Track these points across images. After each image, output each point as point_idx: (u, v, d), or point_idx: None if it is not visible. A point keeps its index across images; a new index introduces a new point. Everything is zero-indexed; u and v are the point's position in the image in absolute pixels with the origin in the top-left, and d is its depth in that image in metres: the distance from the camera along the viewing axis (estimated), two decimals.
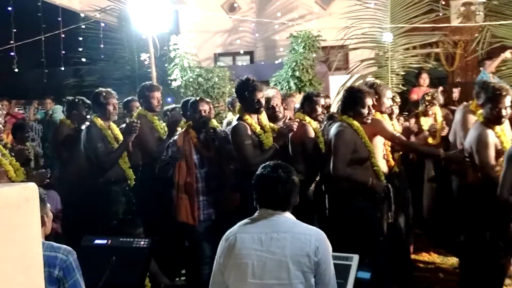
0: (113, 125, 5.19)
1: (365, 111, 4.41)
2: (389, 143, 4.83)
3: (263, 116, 4.82)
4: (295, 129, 4.73)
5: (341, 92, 4.78)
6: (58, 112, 9.30)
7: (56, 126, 5.59)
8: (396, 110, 5.66)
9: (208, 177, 4.73)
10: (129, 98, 6.05)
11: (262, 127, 4.72)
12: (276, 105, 5.21)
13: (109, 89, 5.10)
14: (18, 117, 9.61)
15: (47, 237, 2.89)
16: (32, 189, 1.62)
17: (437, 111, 6.58)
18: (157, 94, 5.55)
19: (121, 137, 5.10)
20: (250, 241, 2.76)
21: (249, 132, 4.61)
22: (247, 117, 4.66)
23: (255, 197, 2.91)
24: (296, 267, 2.66)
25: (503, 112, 4.22)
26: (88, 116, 5.49)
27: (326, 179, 4.69)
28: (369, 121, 4.50)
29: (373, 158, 4.45)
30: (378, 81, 5.58)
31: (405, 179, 5.50)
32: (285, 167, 2.91)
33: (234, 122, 4.74)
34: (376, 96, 4.73)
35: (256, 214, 2.89)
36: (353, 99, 4.44)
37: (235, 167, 5.24)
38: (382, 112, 4.87)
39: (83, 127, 5.24)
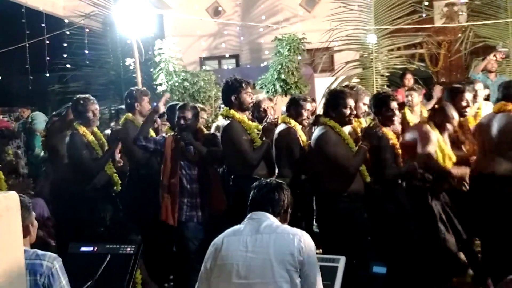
0: (97, 131, 5.17)
1: (347, 111, 4.43)
2: None
3: (245, 116, 4.86)
4: (278, 124, 4.83)
5: (326, 95, 4.79)
6: (38, 119, 9.19)
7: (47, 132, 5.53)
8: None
9: (193, 180, 4.74)
10: (123, 107, 6.01)
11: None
12: (267, 107, 5.44)
13: (87, 96, 5.07)
14: (3, 124, 9.51)
15: (33, 245, 2.86)
16: (13, 198, 1.62)
17: (423, 109, 6.67)
18: (146, 99, 5.54)
19: (106, 142, 5.08)
20: (236, 243, 2.81)
21: (242, 129, 4.66)
22: (238, 115, 4.69)
23: (248, 207, 2.99)
24: (280, 265, 2.69)
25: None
26: None
27: (312, 181, 4.69)
28: (352, 122, 4.53)
29: None
30: (359, 86, 5.63)
31: None
32: (278, 181, 3.09)
33: (225, 122, 4.74)
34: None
35: (244, 220, 2.95)
36: (334, 101, 4.46)
37: (225, 170, 5.25)
38: (357, 117, 4.90)
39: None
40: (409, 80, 8.74)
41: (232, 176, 4.85)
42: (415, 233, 4.56)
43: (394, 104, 4.65)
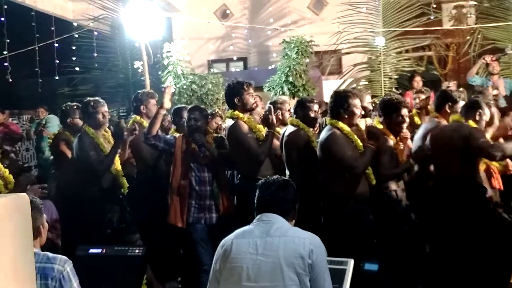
0: (107, 134, 5.19)
1: (358, 111, 4.44)
2: None
3: (251, 117, 4.89)
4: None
5: (332, 96, 4.77)
6: (52, 122, 9.24)
7: (55, 137, 5.55)
8: None
9: (202, 182, 4.76)
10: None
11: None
12: (289, 110, 5.44)
13: (97, 98, 5.11)
14: (11, 127, 9.57)
15: (42, 247, 2.87)
16: (23, 199, 1.63)
17: (431, 111, 6.67)
18: (153, 102, 5.56)
19: None
20: (245, 245, 2.78)
21: (248, 128, 4.71)
22: (242, 116, 4.74)
23: (255, 206, 2.96)
24: (290, 269, 2.67)
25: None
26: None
27: (320, 184, 4.69)
28: (359, 122, 4.54)
29: None
30: (359, 87, 5.69)
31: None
32: (284, 178, 3.06)
33: (230, 122, 4.78)
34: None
35: (253, 221, 2.92)
36: (342, 102, 4.45)
37: (236, 172, 5.27)
38: (364, 116, 4.91)
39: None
40: (418, 82, 8.70)
41: (239, 176, 4.88)
42: (409, 235, 4.59)
43: (405, 111, 4.63)
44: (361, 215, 4.34)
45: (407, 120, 4.70)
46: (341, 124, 4.40)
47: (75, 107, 5.43)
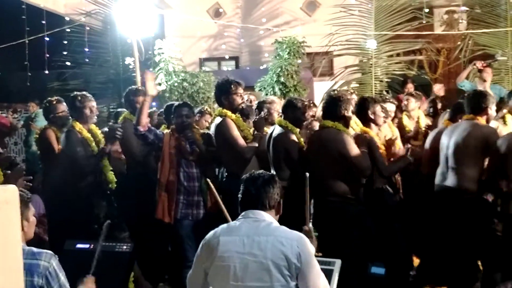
0: (94, 128, 5.16)
1: (349, 116, 4.49)
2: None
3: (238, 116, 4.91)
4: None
5: (332, 98, 4.75)
6: (40, 117, 9.19)
7: (41, 132, 5.50)
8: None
9: (190, 178, 4.76)
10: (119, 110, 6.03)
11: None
12: (277, 110, 5.49)
13: (84, 93, 5.09)
14: (1, 120, 9.49)
15: (29, 242, 2.84)
16: (12, 191, 1.61)
17: (420, 114, 6.69)
18: (142, 99, 5.54)
19: (102, 139, 5.08)
20: (232, 244, 2.76)
21: (235, 126, 4.73)
22: (230, 114, 4.76)
23: (239, 201, 2.94)
24: (277, 269, 2.66)
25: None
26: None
27: (316, 184, 4.67)
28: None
29: None
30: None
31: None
32: (269, 173, 3.06)
33: (218, 120, 4.79)
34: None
35: (239, 217, 2.91)
36: (349, 106, 4.47)
37: (224, 170, 5.27)
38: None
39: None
40: (409, 89, 8.73)
41: (225, 175, 4.89)
42: (400, 234, 4.62)
43: (378, 109, 4.79)
44: (364, 216, 4.37)
45: (381, 115, 4.81)
46: (344, 128, 4.43)
47: (55, 101, 5.38)
